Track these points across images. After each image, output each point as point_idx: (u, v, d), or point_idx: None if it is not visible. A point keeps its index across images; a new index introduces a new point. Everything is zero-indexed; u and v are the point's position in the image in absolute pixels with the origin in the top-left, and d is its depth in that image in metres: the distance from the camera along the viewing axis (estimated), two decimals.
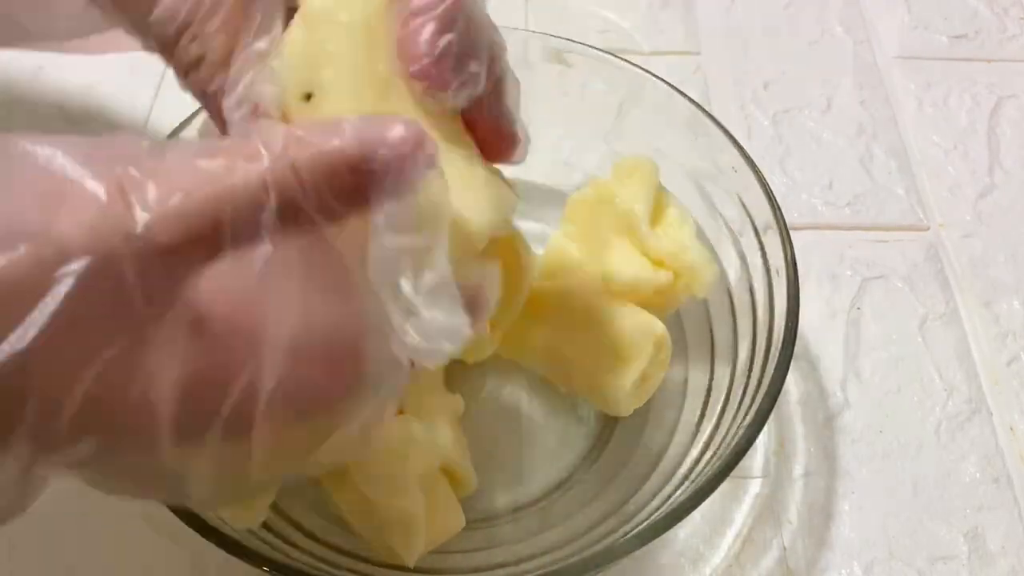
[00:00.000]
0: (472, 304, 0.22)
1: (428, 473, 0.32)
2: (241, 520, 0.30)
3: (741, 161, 0.36)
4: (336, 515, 0.34)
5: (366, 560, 0.33)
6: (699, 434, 0.35)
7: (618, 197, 0.37)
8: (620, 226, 0.37)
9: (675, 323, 0.40)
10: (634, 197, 0.37)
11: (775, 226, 0.35)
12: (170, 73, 0.26)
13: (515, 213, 0.28)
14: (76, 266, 0.16)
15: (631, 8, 0.57)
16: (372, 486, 0.31)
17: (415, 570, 0.32)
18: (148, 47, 0.25)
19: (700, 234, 0.38)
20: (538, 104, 0.43)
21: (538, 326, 0.37)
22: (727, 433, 0.32)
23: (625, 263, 0.36)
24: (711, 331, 0.39)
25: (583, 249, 0.38)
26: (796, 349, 0.32)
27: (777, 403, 0.31)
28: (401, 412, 0.34)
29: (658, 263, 0.36)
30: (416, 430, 0.32)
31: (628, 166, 0.38)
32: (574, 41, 0.41)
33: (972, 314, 0.44)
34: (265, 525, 0.31)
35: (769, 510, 0.38)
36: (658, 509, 0.31)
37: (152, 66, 0.50)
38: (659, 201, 0.38)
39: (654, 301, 0.36)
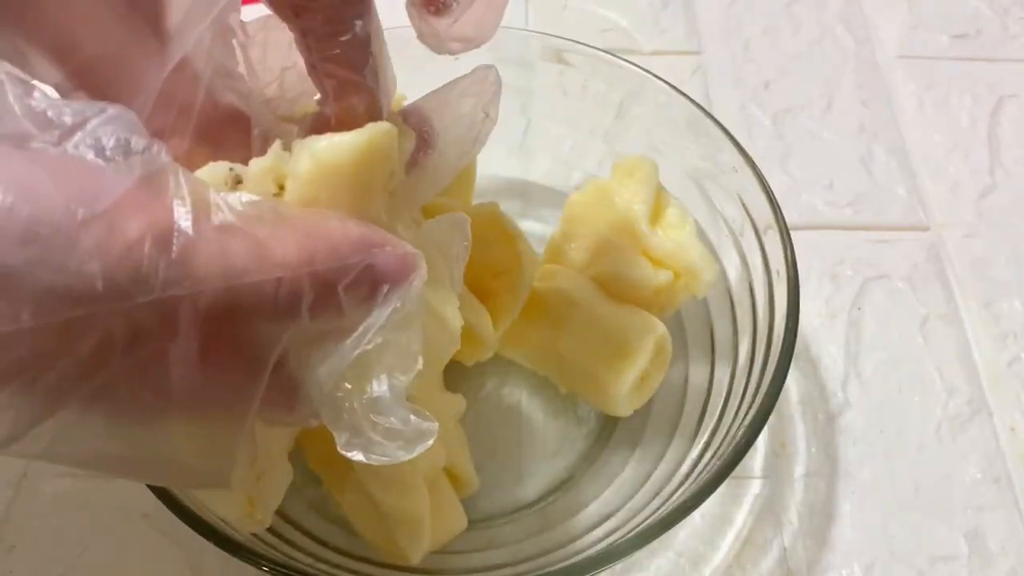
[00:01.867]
0: None
1: (432, 473, 0.32)
2: (247, 524, 0.30)
3: (741, 161, 0.36)
4: (336, 515, 0.34)
5: (366, 560, 0.33)
6: (699, 434, 0.35)
7: (618, 197, 0.37)
8: (620, 226, 0.37)
9: (675, 323, 0.40)
10: (634, 197, 0.37)
11: (775, 226, 0.35)
12: None
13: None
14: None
15: (631, 7, 0.57)
16: (378, 486, 0.31)
17: (415, 570, 0.32)
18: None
19: (700, 234, 0.38)
20: (538, 104, 0.44)
21: (538, 326, 0.37)
22: (727, 433, 0.32)
23: (625, 263, 0.36)
24: (711, 331, 0.39)
25: (583, 249, 0.38)
26: (796, 349, 0.32)
27: (777, 403, 0.31)
28: None
29: (658, 263, 0.36)
30: None
31: (628, 166, 0.38)
32: (574, 41, 0.41)
33: (973, 314, 0.44)
34: None
35: (769, 510, 0.38)
36: (658, 509, 0.31)
37: None
38: (659, 201, 0.38)
39: (654, 301, 0.36)
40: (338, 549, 0.33)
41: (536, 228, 0.44)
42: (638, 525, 0.30)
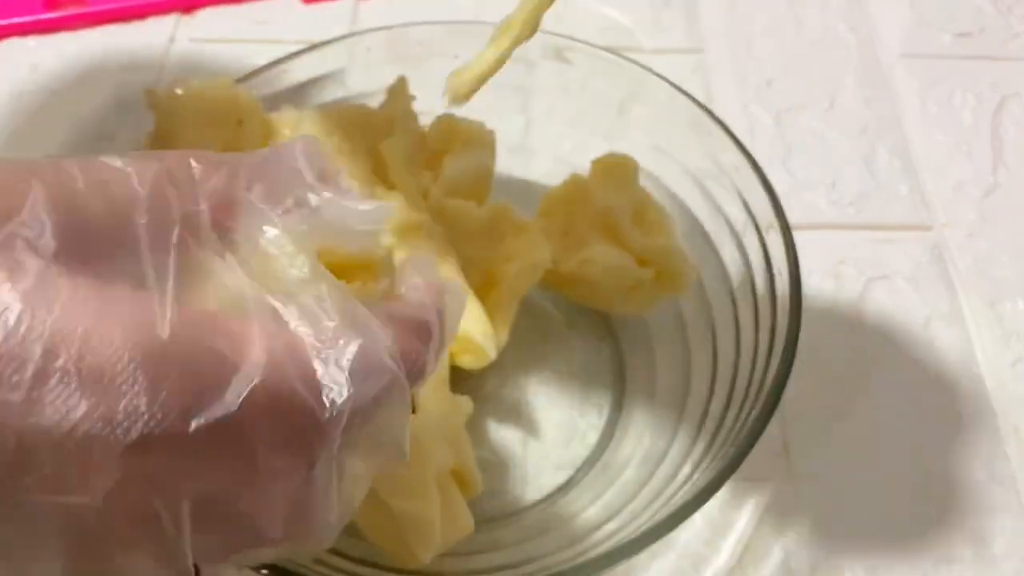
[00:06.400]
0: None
1: (440, 475, 0.32)
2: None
3: (743, 160, 0.36)
4: None
5: (365, 563, 0.32)
6: (701, 435, 0.35)
7: (596, 192, 0.37)
8: (599, 224, 0.37)
9: (677, 323, 0.40)
10: (615, 196, 0.37)
11: (777, 225, 0.35)
12: (168, 66, 0.26)
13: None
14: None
15: (632, 5, 0.57)
16: (389, 490, 0.31)
17: (416, 572, 0.32)
18: None
19: (702, 234, 0.38)
20: (538, 102, 0.43)
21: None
22: (729, 434, 0.32)
23: (602, 255, 0.37)
24: (713, 332, 0.39)
25: (559, 242, 0.38)
26: (798, 349, 0.32)
27: (779, 404, 0.31)
28: (414, 412, 0.34)
29: (641, 263, 0.37)
30: (435, 431, 0.32)
31: (607, 164, 0.38)
32: (575, 39, 0.41)
33: (976, 314, 0.44)
34: None
35: (771, 512, 0.38)
36: (659, 511, 0.31)
37: (150, 61, 0.50)
38: (639, 199, 0.38)
39: (632, 298, 0.37)
40: (336, 551, 0.33)
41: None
42: (640, 527, 0.30)
